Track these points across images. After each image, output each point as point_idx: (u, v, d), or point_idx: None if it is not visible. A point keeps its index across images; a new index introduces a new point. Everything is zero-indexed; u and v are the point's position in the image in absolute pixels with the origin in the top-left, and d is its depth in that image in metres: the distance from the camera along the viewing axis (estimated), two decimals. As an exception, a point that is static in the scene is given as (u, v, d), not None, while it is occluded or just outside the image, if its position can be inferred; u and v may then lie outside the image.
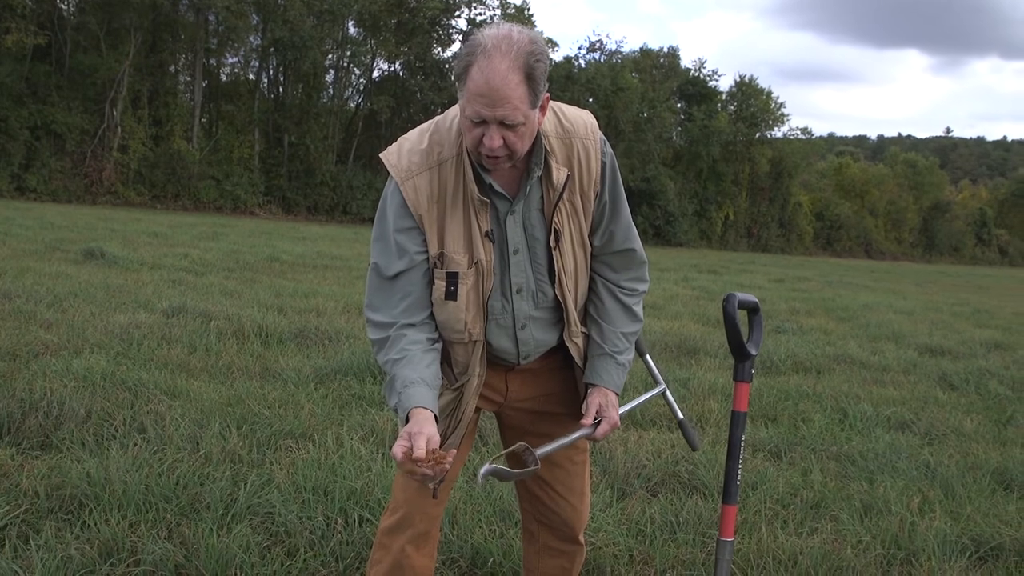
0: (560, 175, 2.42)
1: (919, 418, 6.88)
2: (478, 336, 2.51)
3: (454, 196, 2.41)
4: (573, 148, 2.45)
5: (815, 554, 3.91)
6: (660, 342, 9.83)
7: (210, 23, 48.29)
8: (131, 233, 20.84)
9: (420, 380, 2.38)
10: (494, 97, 2.19)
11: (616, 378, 2.65)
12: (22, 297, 8.99)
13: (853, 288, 24.54)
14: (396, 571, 2.64)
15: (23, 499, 3.84)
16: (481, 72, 2.19)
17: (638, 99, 59.56)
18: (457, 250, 2.43)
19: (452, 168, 2.40)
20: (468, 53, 2.22)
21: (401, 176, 2.43)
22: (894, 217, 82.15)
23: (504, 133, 2.24)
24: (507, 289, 2.51)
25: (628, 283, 2.66)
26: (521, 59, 2.19)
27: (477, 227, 2.42)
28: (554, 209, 2.44)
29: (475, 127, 2.26)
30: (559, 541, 2.87)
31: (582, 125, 2.49)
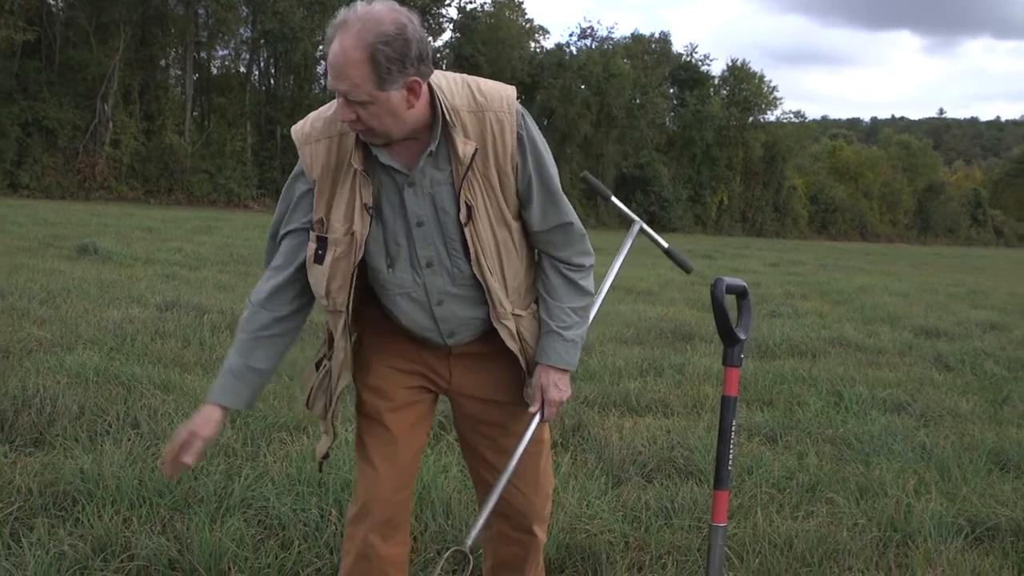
0: (467, 149, 2.38)
1: (915, 400, 6.89)
2: (341, 307, 2.50)
3: (347, 167, 2.43)
4: (486, 121, 2.41)
5: (811, 537, 3.91)
6: (655, 328, 9.82)
7: (200, 16, 48.17)
8: (124, 228, 20.81)
9: (234, 370, 2.50)
10: (337, 71, 2.23)
11: (564, 354, 2.59)
12: (15, 294, 8.97)
13: (848, 271, 24.56)
14: (362, 561, 2.63)
15: (16, 496, 3.82)
16: (333, 48, 2.23)
17: (630, 85, 59.51)
18: (339, 217, 2.44)
19: (349, 140, 2.42)
20: (332, 25, 2.25)
21: (300, 141, 2.47)
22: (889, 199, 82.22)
23: (357, 109, 2.27)
24: (416, 262, 2.49)
25: (572, 258, 2.61)
26: (368, 39, 2.19)
27: (359, 198, 2.42)
28: (462, 183, 2.41)
29: (339, 101, 2.31)
30: (513, 530, 2.81)
31: (497, 98, 2.45)
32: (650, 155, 60.08)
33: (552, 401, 2.60)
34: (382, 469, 2.60)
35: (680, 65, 66.88)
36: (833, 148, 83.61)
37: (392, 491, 2.61)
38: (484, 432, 2.73)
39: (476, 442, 2.76)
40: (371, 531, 2.59)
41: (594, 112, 57.69)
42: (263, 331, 2.52)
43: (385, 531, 2.61)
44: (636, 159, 59.47)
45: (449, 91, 2.40)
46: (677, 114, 65.26)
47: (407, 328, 2.59)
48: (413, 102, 2.31)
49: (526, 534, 2.82)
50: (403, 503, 2.66)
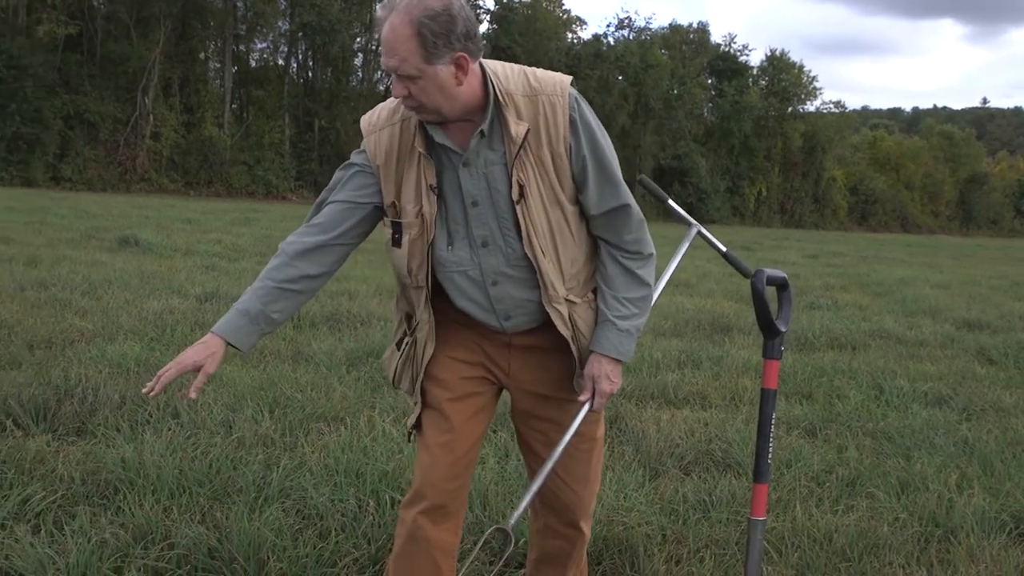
0: (519, 129, 2.45)
1: (957, 393, 6.80)
2: (422, 282, 2.59)
3: (411, 152, 2.52)
4: (539, 104, 2.48)
5: (851, 532, 3.87)
6: (693, 320, 9.77)
7: (238, 9, 48.49)
8: (164, 220, 21.01)
9: (252, 314, 2.53)
10: (387, 48, 2.34)
11: (616, 344, 2.60)
12: (58, 285, 9.09)
13: (888, 263, 24.30)
14: (411, 543, 2.64)
15: (59, 485, 3.87)
16: (384, 25, 2.34)
17: (668, 76, 59.16)
18: (409, 200, 2.53)
19: (412, 126, 2.52)
20: (382, 6, 2.37)
21: (367, 130, 2.58)
22: (930, 190, 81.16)
23: (407, 84, 2.36)
24: (472, 241, 2.55)
25: (630, 245, 2.61)
26: (414, 15, 2.30)
27: (424, 180, 2.51)
28: (514, 162, 2.46)
29: (393, 78, 2.39)
30: (560, 524, 2.85)
31: (550, 83, 2.51)
32: (688, 146, 59.71)
33: (603, 391, 2.61)
34: (438, 457, 2.63)
35: (718, 55, 66.37)
36: (874, 139, 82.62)
37: (446, 479, 2.63)
38: (537, 427, 2.75)
39: (529, 436, 2.79)
40: (421, 514, 2.62)
41: (631, 103, 57.44)
42: (289, 284, 2.57)
43: (436, 517, 2.63)
44: (674, 150, 59.13)
45: (504, 76, 2.48)
46: (715, 105, 64.78)
47: (464, 309, 2.63)
48: (461, 78, 2.38)
49: (573, 529, 2.85)
50: (456, 491, 2.67)
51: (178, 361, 2.48)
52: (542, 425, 2.74)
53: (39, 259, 11.33)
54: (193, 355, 2.48)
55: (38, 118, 39.70)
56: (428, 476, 2.63)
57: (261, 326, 2.55)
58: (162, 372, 2.47)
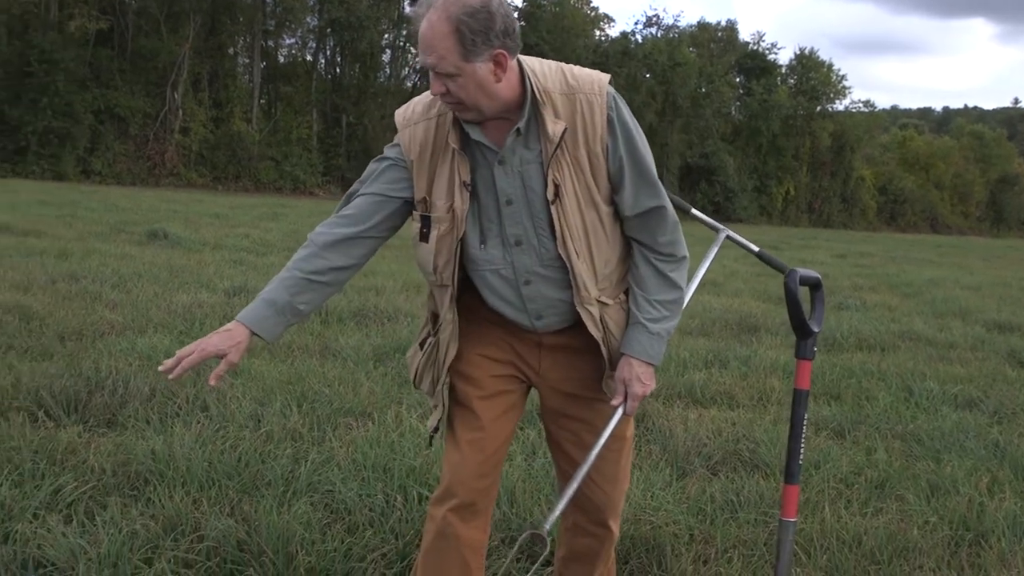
0: (556, 128, 2.42)
1: (988, 396, 6.74)
2: (448, 280, 2.56)
3: (445, 147, 2.50)
4: (576, 103, 2.45)
5: (880, 534, 3.84)
6: (720, 319, 9.73)
7: (267, 5, 48.74)
8: (193, 214, 21.14)
9: (278, 305, 2.50)
10: (424, 45, 2.33)
11: (647, 347, 2.58)
12: (88, 278, 9.16)
13: (918, 263, 24.12)
14: (440, 540, 2.64)
15: (90, 475, 3.91)
16: (421, 21, 2.33)
17: (696, 74, 58.97)
18: (440, 196, 2.51)
19: (447, 121, 2.49)
20: (420, 3, 2.35)
21: (402, 124, 2.56)
22: (960, 191, 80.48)
23: (446, 82, 2.35)
24: (506, 240, 2.53)
25: (664, 247, 2.59)
26: (453, 12, 2.28)
27: (457, 176, 2.49)
28: (550, 161, 2.44)
29: (430, 76, 2.38)
30: (589, 523, 2.84)
31: (588, 82, 2.49)
32: (715, 145, 59.51)
33: (635, 395, 2.59)
34: (468, 454, 2.62)
35: (747, 54, 66.13)
36: (903, 138, 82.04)
37: (475, 477, 2.62)
38: (567, 426, 2.74)
39: (559, 435, 2.77)
40: (451, 511, 2.62)
41: (659, 101, 57.29)
42: (317, 276, 2.55)
43: (465, 514, 2.63)
44: (701, 149, 58.94)
45: (542, 74, 2.46)
46: (743, 103, 64.54)
47: (495, 308, 2.62)
48: (500, 76, 2.37)
49: (602, 527, 2.84)
50: (486, 489, 2.67)
51: (202, 347, 2.45)
52: (572, 424, 2.73)
53: (70, 252, 11.43)
54: (218, 342, 2.45)
55: (69, 112, 40.07)
56: (458, 474, 2.62)
57: (287, 317, 2.53)
58: (183, 354, 2.44)
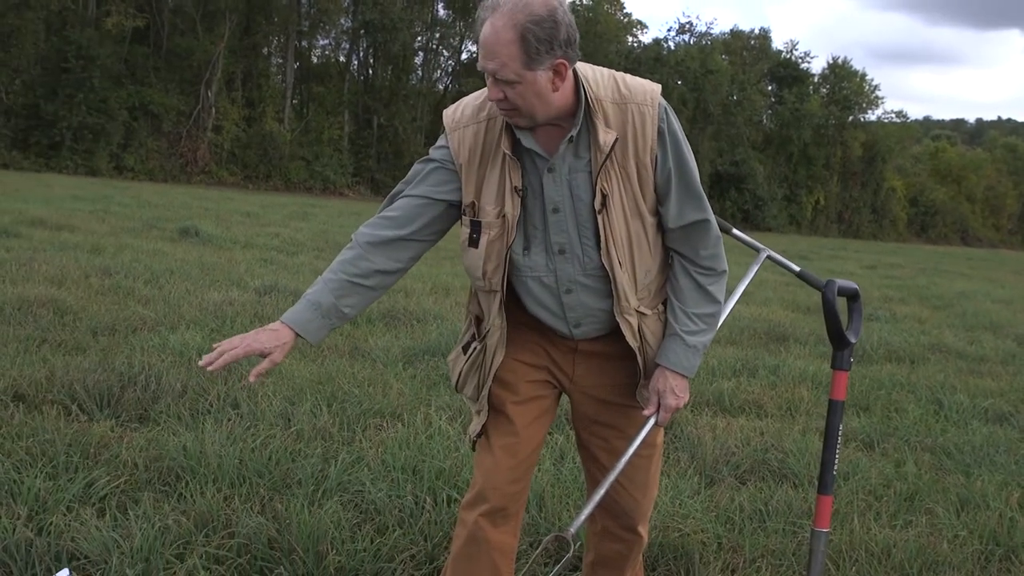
0: (607, 138, 2.42)
1: (1019, 411, 6.68)
2: (496, 286, 2.56)
3: (495, 152, 2.49)
4: (628, 113, 2.45)
5: (910, 547, 3.82)
6: (749, 328, 9.70)
7: (302, 5, 49.02)
8: (224, 212, 21.28)
9: (324, 308, 2.52)
10: (487, 51, 2.31)
11: (683, 359, 2.58)
12: (121, 273, 9.25)
13: (948, 276, 23.93)
14: (471, 544, 2.65)
15: (123, 470, 3.94)
16: (484, 28, 2.30)
17: (728, 82, 58.80)
18: (489, 201, 2.50)
19: (497, 125, 2.48)
20: (483, 7, 2.33)
21: (451, 126, 2.54)
22: (992, 203, 79.78)
23: (504, 88, 2.33)
24: (549, 248, 2.53)
25: (704, 260, 2.59)
26: (519, 19, 2.26)
27: (509, 182, 2.48)
28: (599, 171, 2.44)
29: (488, 80, 2.36)
30: (619, 528, 2.85)
31: (640, 92, 2.48)
32: (746, 152, 59.29)
33: (668, 406, 2.59)
34: (501, 459, 2.63)
35: (779, 62, 65.84)
36: (935, 149, 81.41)
37: (508, 482, 2.63)
38: (598, 432, 2.75)
39: (590, 441, 2.78)
40: (482, 516, 2.62)
41: (690, 108, 57.14)
42: (362, 279, 2.55)
43: (496, 519, 2.63)
44: (731, 156, 58.73)
45: (595, 82, 2.45)
46: (775, 112, 64.27)
47: (535, 314, 2.63)
48: (559, 85, 2.36)
49: (631, 533, 2.84)
50: (518, 494, 2.68)
51: (248, 344, 2.45)
52: (604, 431, 2.74)
53: (103, 247, 11.54)
54: (265, 340, 2.47)
55: (104, 108, 40.48)
56: (490, 479, 2.63)
57: (332, 320, 2.54)
58: (227, 347, 2.45)
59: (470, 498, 2.67)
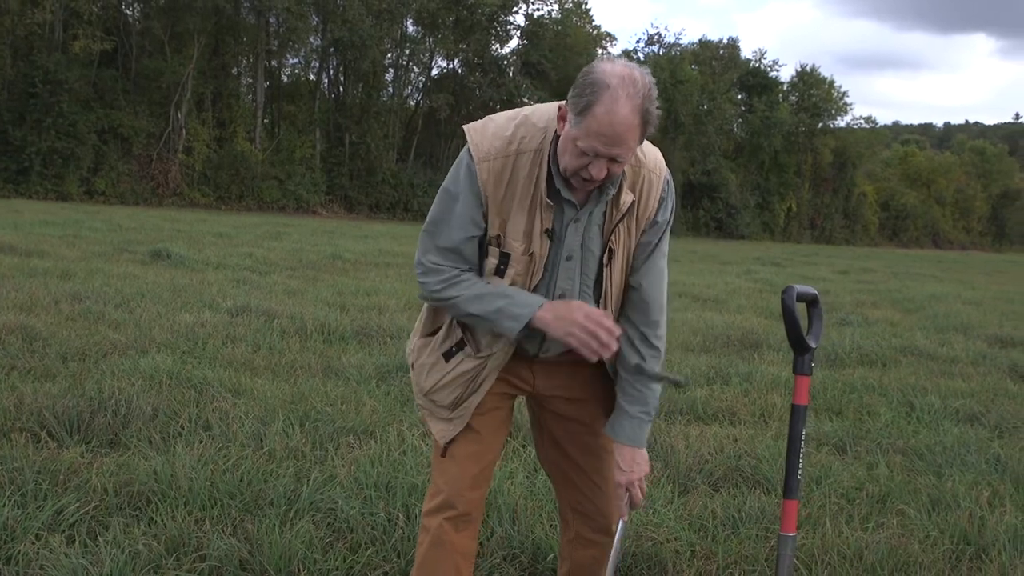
0: (627, 199, 2.52)
1: (989, 410, 6.74)
2: None
3: (524, 188, 2.49)
4: (640, 177, 2.55)
5: (881, 549, 3.85)
6: (723, 335, 9.75)
7: (271, 25, 48.93)
8: (196, 234, 21.19)
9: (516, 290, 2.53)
10: (614, 139, 2.30)
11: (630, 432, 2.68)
12: (91, 298, 9.18)
13: (920, 279, 24.13)
14: (436, 548, 2.70)
15: (92, 496, 3.91)
16: (606, 114, 2.27)
17: (698, 91, 59.10)
18: (516, 237, 2.52)
19: (528, 161, 2.49)
20: (592, 91, 2.29)
21: (479, 156, 2.50)
22: (962, 206, 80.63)
23: (611, 166, 2.37)
24: (552, 291, 2.59)
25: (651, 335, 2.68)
26: (638, 103, 2.29)
27: (540, 222, 2.50)
28: (613, 229, 2.54)
29: (583, 155, 2.35)
30: (592, 532, 2.89)
31: (653, 159, 2.59)
32: (717, 161, 59.60)
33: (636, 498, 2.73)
34: (466, 467, 2.69)
35: (748, 71, 66.30)
36: (905, 154, 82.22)
37: (471, 488, 2.70)
38: (572, 429, 2.82)
39: (565, 440, 2.84)
40: (447, 520, 2.68)
41: (661, 118, 57.12)
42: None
43: (459, 523, 2.70)
44: (703, 166, 59.04)
45: None
46: (745, 120, 64.68)
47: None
48: None
49: (605, 535, 2.88)
50: (480, 499, 2.75)
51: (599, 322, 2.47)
52: (577, 428, 2.82)
53: (73, 272, 11.46)
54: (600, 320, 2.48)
55: (73, 133, 40.19)
56: (455, 486, 2.68)
57: None
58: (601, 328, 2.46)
59: (435, 504, 2.72)
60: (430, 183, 50.23)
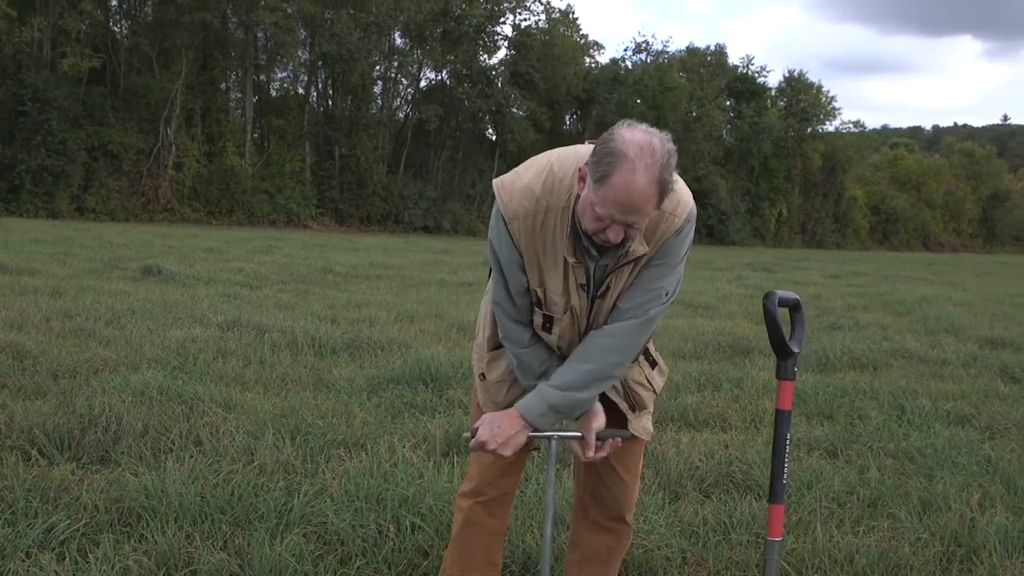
0: (639, 249, 2.54)
1: (980, 412, 6.76)
2: (567, 353, 2.74)
3: (553, 243, 2.56)
4: (662, 220, 2.55)
5: (872, 553, 3.86)
6: (713, 342, 9.76)
7: (259, 40, 48.97)
8: (187, 249, 21.17)
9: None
10: (630, 209, 2.34)
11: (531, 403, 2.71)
12: (82, 315, 9.16)
13: (911, 281, 24.19)
14: (467, 528, 2.95)
15: (83, 513, 3.91)
16: (624, 185, 2.31)
17: (686, 98, 59.27)
18: (556, 291, 2.61)
19: (557, 218, 2.54)
20: (610, 161, 2.33)
21: (509, 216, 2.57)
22: (952, 208, 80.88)
23: (628, 231, 2.42)
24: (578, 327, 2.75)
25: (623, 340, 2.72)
26: (655, 173, 2.31)
27: (573, 278, 2.59)
28: (616, 269, 2.59)
29: (599, 220, 2.39)
30: (608, 519, 3.03)
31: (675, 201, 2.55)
32: (707, 168, 59.70)
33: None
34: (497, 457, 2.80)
35: (736, 77, 66.49)
36: (894, 157, 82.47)
37: (502, 475, 2.90)
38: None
39: None
40: (479, 505, 2.94)
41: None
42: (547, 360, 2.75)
43: (490, 506, 2.92)
44: (693, 172, 59.10)
45: None
46: (734, 126, 64.84)
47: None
48: None
49: (620, 523, 3.04)
50: (511, 484, 2.96)
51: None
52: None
53: (64, 290, 11.43)
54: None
55: (63, 150, 40.16)
56: (486, 475, 2.90)
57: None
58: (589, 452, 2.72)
59: (467, 489, 2.96)
60: (420, 195, 50.28)
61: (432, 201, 51.00)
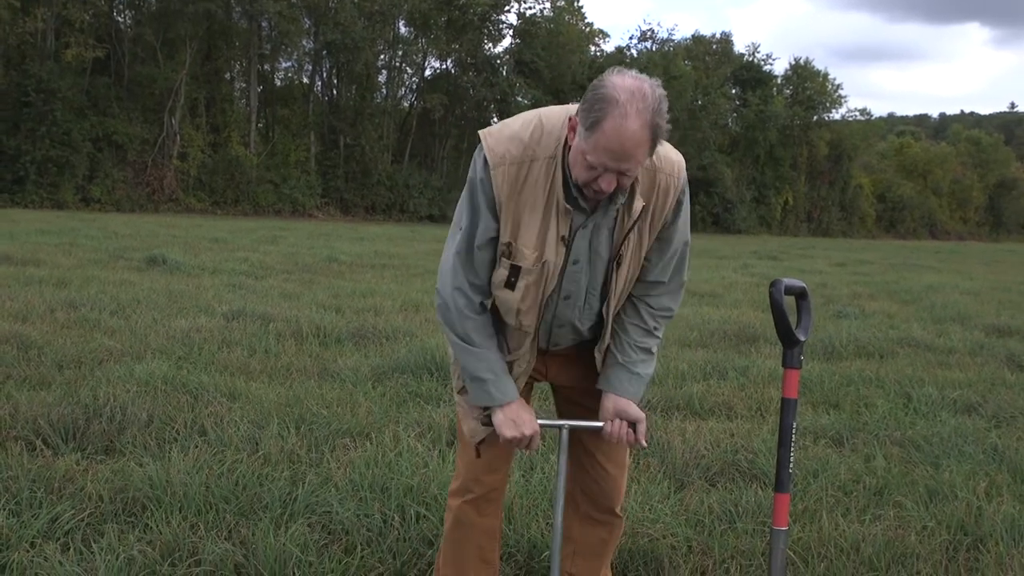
0: (639, 205, 2.52)
1: (986, 401, 6.73)
2: (529, 328, 2.65)
3: (538, 194, 2.50)
4: (656, 181, 2.55)
5: (878, 541, 3.84)
6: (719, 330, 9.74)
7: (263, 29, 48.90)
8: (192, 239, 21.18)
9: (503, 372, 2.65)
10: (622, 155, 2.30)
11: (629, 387, 2.73)
12: (87, 306, 9.17)
13: (917, 270, 24.14)
14: (457, 527, 2.91)
15: (88, 503, 3.91)
16: (616, 131, 2.27)
17: (692, 87, 59.10)
18: (528, 244, 2.53)
19: (543, 167, 2.49)
20: (601, 106, 2.29)
21: (494, 161, 2.51)
22: (959, 196, 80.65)
23: (621, 179, 2.37)
24: (557, 294, 2.63)
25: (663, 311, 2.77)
26: (647, 117, 2.28)
27: (555, 229, 2.51)
28: (625, 236, 2.55)
29: (592, 169, 2.36)
30: (598, 512, 3.01)
31: (669, 164, 2.59)
32: (713, 156, 59.57)
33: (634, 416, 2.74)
34: (483, 453, 2.81)
35: (742, 65, 66.30)
36: (900, 145, 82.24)
37: (488, 471, 2.84)
38: (581, 415, 2.89)
39: (572, 412, 2.95)
40: (467, 504, 2.85)
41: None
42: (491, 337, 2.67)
43: (480, 505, 2.86)
44: (699, 161, 58.98)
45: None
46: (740, 115, 64.67)
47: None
48: None
49: (611, 515, 3.02)
50: (500, 482, 2.90)
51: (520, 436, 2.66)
52: (586, 414, 2.88)
53: (69, 280, 11.44)
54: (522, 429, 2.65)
55: (67, 141, 40.16)
56: (472, 471, 2.84)
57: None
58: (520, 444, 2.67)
59: (455, 487, 2.92)
60: (425, 184, 50.22)
61: (437, 190, 50.93)
